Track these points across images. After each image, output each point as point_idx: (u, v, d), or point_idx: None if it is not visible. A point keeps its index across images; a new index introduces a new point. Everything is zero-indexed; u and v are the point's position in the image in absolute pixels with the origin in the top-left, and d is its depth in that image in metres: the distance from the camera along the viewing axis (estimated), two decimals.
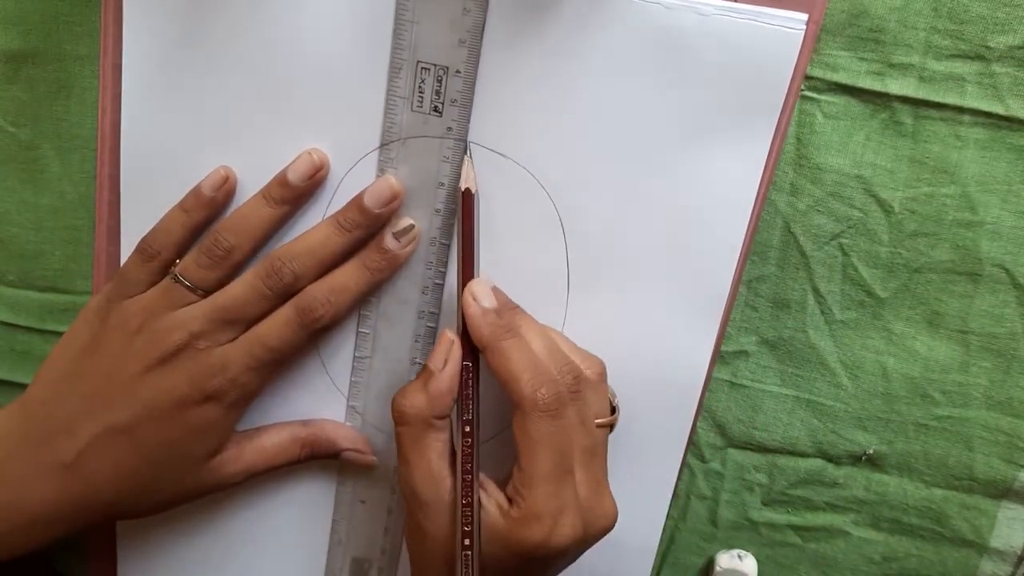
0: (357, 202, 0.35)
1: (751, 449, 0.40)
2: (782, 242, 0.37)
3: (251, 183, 0.37)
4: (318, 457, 0.39)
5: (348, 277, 0.35)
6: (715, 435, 0.40)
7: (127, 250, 0.38)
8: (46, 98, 0.38)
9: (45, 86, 0.38)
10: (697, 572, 0.42)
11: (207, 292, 0.35)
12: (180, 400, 0.35)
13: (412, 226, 0.36)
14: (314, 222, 0.36)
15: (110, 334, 0.35)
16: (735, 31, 0.33)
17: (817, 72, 0.35)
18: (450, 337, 0.34)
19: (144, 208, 0.37)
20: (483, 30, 0.34)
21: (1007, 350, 0.37)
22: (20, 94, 0.38)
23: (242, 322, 0.35)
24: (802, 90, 0.35)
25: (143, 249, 0.36)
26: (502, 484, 0.34)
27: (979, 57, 0.33)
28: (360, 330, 0.38)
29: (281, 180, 0.35)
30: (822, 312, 0.38)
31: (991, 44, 0.33)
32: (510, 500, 0.33)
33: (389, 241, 0.35)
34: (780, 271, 0.37)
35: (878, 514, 0.40)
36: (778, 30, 0.32)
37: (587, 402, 0.33)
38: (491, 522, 0.32)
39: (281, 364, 0.36)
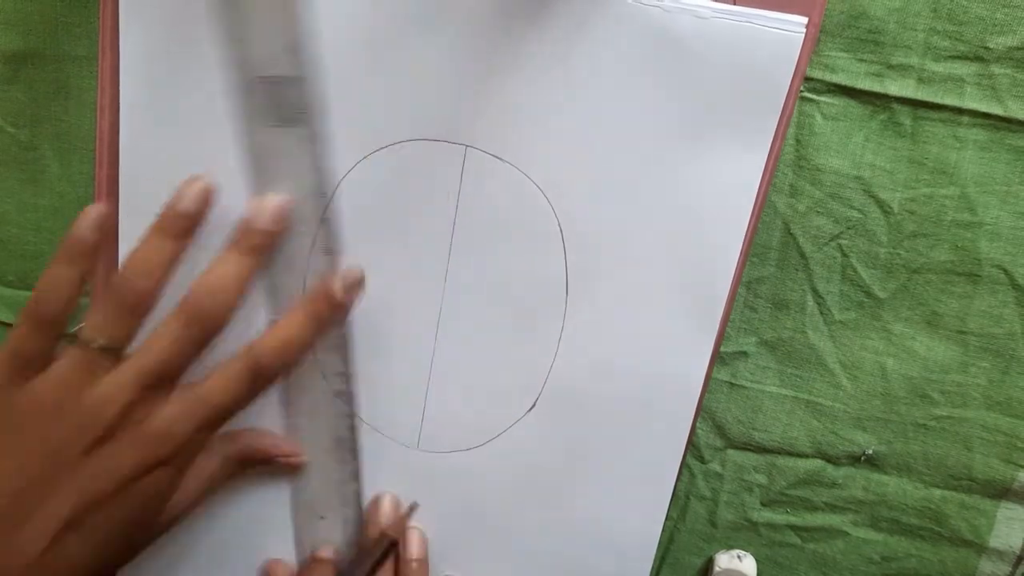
0: (249, 226, 0.33)
1: (750, 450, 0.40)
2: (781, 243, 0.37)
3: (249, 182, 0.37)
4: (254, 466, 0.38)
5: (299, 329, 0.34)
6: (714, 436, 0.40)
7: (126, 251, 0.38)
8: (45, 99, 0.38)
9: (44, 87, 0.38)
10: (696, 572, 0.43)
11: (121, 350, 0.32)
12: (128, 477, 0.32)
13: (360, 278, 0.35)
14: (303, 243, 0.36)
15: (26, 423, 0.31)
16: (734, 34, 0.33)
17: (816, 73, 0.35)
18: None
19: (142, 209, 0.37)
20: (309, 32, 0.33)
21: (1006, 350, 0.37)
22: (19, 95, 0.38)
23: (175, 378, 0.33)
24: (801, 91, 0.35)
25: (33, 316, 0.32)
26: None
27: (978, 58, 0.33)
28: None
29: (174, 212, 0.33)
30: (821, 313, 0.38)
31: (990, 45, 0.33)
32: None
33: (338, 292, 0.34)
34: (779, 272, 0.37)
35: (877, 514, 0.40)
36: (777, 33, 0.32)
37: None
38: None
39: (231, 419, 0.34)
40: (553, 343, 0.37)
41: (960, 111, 0.34)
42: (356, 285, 0.35)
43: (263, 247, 0.34)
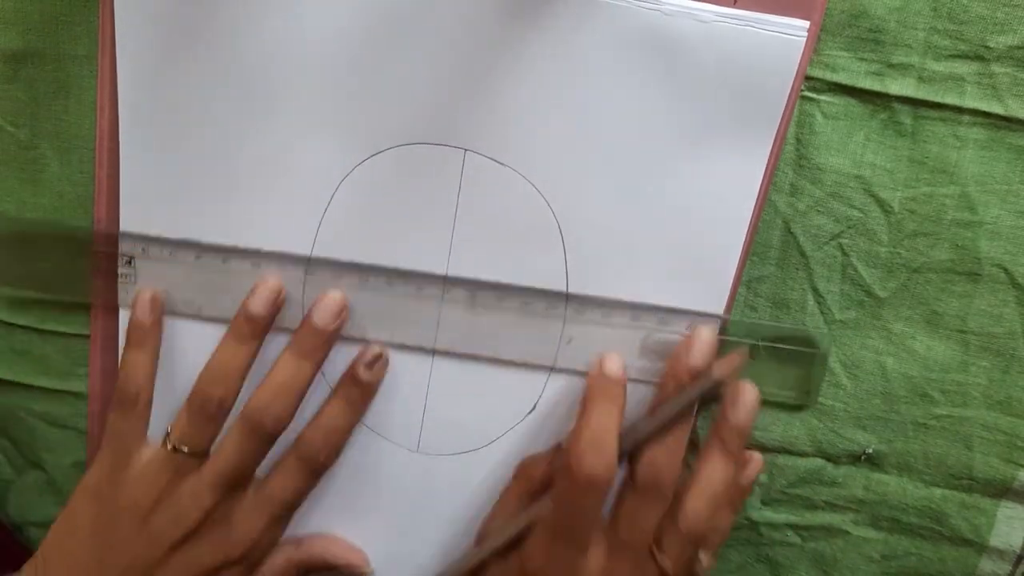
0: (310, 327, 0.35)
1: (751, 449, 0.40)
2: (782, 242, 0.37)
3: (251, 181, 0.37)
4: (319, 572, 0.40)
5: (337, 416, 0.37)
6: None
7: (126, 249, 0.38)
8: (45, 98, 0.38)
9: (44, 86, 0.38)
10: None
11: (205, 452, 0.36)
12: (208, 570, 0.36)
13: (380, 354, 0.37)
14: (302, 247, 0.36)
15: (123, 516, 0.35)
16: (735, 38, 0.32)
17: (816, 72, 0.35)
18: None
19: (143, 209, 0.37)
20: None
21: (1006, 350, 0.37)
22: (19, 94, 0.38)
23: (247, 480, 0.36)
24: (802, 90, 0.35)
25: (122, 399, 0.36)
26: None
27: (978, 57, 0.33)
28: None
29: (246, 316, 0.35)
30: (821, 312, 0.38)
31: (990, 44, 0.33)
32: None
33: (363, 374, 0.37)
34: (780, 271, 0.37)
35: (877, 513, 0.40)
36: (779, 37, 0.32)
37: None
38: None
39: (295, 510, 0.38)
40: (554, 345, 0.37)
41: (960, 110, 0.34)
42: (383, 364, 0.37)
43: (322, 347, 0.36)
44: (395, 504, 0.40)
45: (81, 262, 0.39)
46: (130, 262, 0.38)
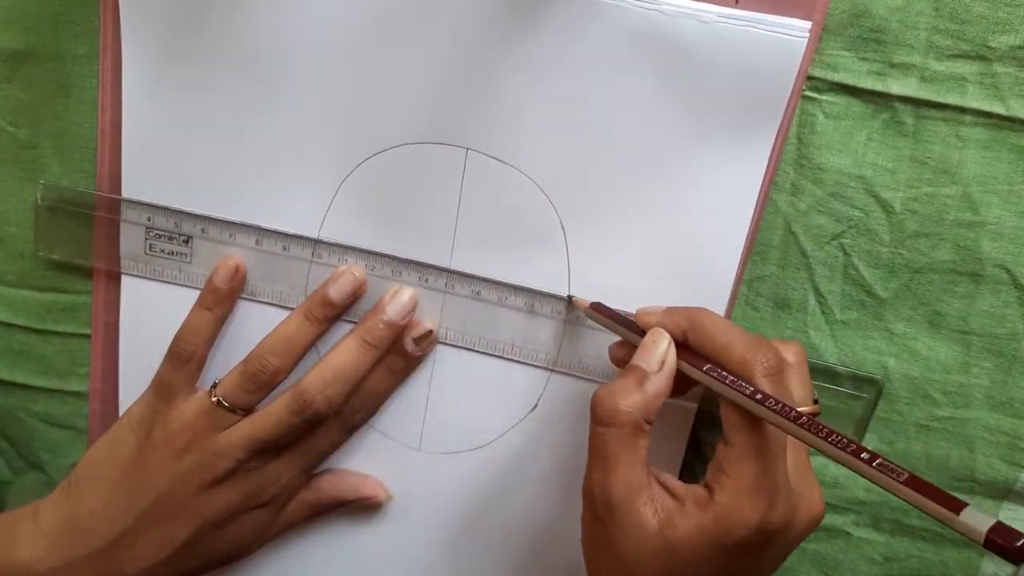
0: (380, 319, 0.36)
1: None
2: (783, 242, 0.37)
3: (254, 180, 0.37)
4: (333, 509, 0.40)
5: (378, 383, 0.38)
6: (716, 435, 0.40)
7: (126, 251, 0.38)
8: (45, 97, 0.38)
9: (44, 85, 0.38)
10: None
11: (248, 411, 0.37)
12: (235, 511, 0.37)
13: (430, 331, 0.37)
14: (305, 245, 0.36)
15: (157, 451, 0.36)
16: (736, 38, 0.32)
17: (818, 72, 0.34)
18: (663, 337, 0.32)
19: (144, 208, 0.37)
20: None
21: (1008, 351, 0.37)
22: (19, 93, 0.38)
23: (281, 449, 0.37)
24: (803, 90, 0.35)
25: (177, 354, 0.37)
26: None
27: (980, 57, 0.33)
28: None
29: (324, 299, 0.37)
30: (823, 312, 0.37)
31: (992, 44, 0.33)
32: (708, 488, 0.30)
33: (410, 346, 0.37)
34: (781, 271, 0.37)
35: (879, 515, 0.40)
36: (780, 37, 0.32)
37: (793, 385, 0.32)
38: (692, 523, 0.29)
39: (325, 459, 0.39)
40: (556, 343, 0.37)
41: (962, 110, 0.34)
42: (430, 342, 0.38)
43: (386, 340, 0.36)
44: (398, 501, 0.40)
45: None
46: (187, 241, 0.38)
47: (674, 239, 0.36)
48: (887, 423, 0.38)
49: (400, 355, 0.38)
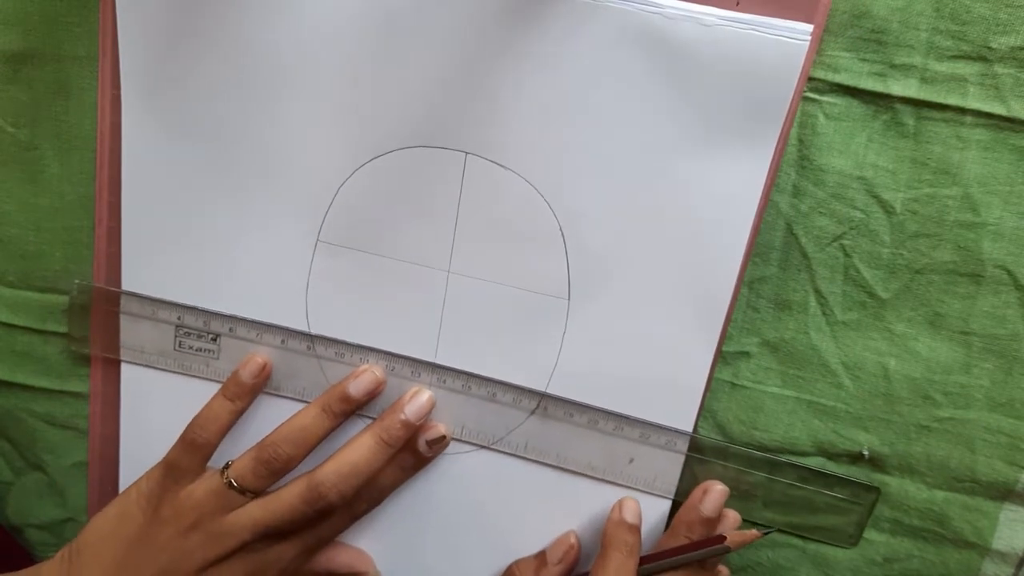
0: (398, 419, 0.37)
1: (752, 449, 0.40)
2: (784, 243, 0.37)
3: (254, 183, 0.36)
4: None
5: (387, 478, 0.39)
6: (716, 435, 0.40)
7: (127, 251, 0.38)
8: (45, 99, 0.38)
9: (44, 86, 0.38)
10: None
11: (257, 494, 0.37)
12: None
13: (444, 436, 0.38)
14: (304, 249, 0.36)
15: (164, 527, 0.36)
16: (738, 41, 0.32)
17: (819, 73, 0.34)
18: (572, 541, 0.38)
19: (145, 209, 0.37)
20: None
21: (1009, 351, 0.37)
22: (19, 94, 0.38)
23: (288, 535, 0.37)
24: (804, 91, 0.35)
25: (191, 440, 0.37)
26: None
27: (981, 58, 0.33)
28: None
29: (343, 395, 0.37)
30: (824, 313, 0.37)
31: (993, 45, 0.33)
32: None
33: (423, 447, 0.38)
34: (782, 272, 0.37)
35: (879, 515, 0.40)
36: (782, 41, 0.32)
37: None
38: None
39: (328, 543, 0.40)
40: (556, 346, 0.37)
41: (963, 111, 0.34)
42: (442, 446, 0.39)
43: (401, 439, 0.37)
44: (399, 504, 0.40)
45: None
46: (215, 339, 0.38)
47: (675, 242, 0.36)
48: (887, 424, 0.38)
49: (411, 454, 0.38)
